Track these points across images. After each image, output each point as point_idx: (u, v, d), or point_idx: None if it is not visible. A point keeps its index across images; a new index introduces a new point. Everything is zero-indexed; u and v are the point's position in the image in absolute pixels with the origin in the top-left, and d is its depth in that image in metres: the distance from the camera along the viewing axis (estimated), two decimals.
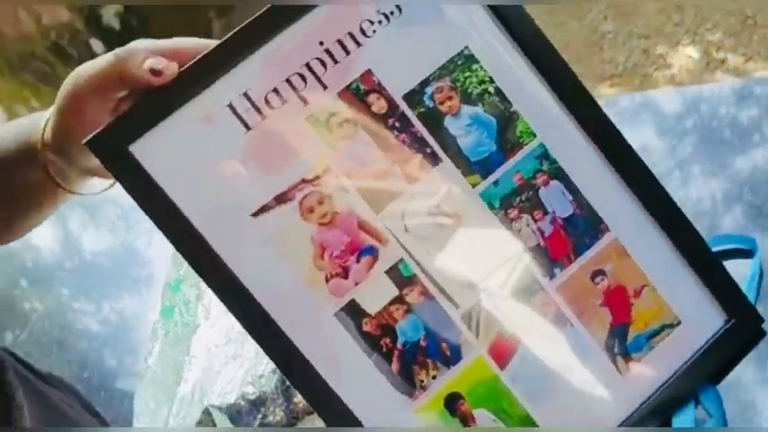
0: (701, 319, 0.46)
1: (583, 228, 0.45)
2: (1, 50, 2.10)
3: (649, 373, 0.45)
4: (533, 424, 0.44)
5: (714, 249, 0.47)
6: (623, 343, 0.45)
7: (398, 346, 0.43)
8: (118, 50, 0.40)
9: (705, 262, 0.45)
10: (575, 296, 0.45)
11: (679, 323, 0.45)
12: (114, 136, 0.40)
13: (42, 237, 0.85)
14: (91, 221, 0.45)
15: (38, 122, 0.44)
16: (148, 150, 0.40)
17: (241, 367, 0.60)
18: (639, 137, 0.64)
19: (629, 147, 0.45)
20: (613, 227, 0.45)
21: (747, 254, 0.50)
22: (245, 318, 0.41)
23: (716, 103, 0.65)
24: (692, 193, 0.59)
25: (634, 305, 0.45)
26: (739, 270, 0.48)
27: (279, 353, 0.42)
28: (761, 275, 0.48)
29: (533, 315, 0.44)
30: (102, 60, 0.40)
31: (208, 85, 0.41)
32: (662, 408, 0.45)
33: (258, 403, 0.56)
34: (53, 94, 0.42)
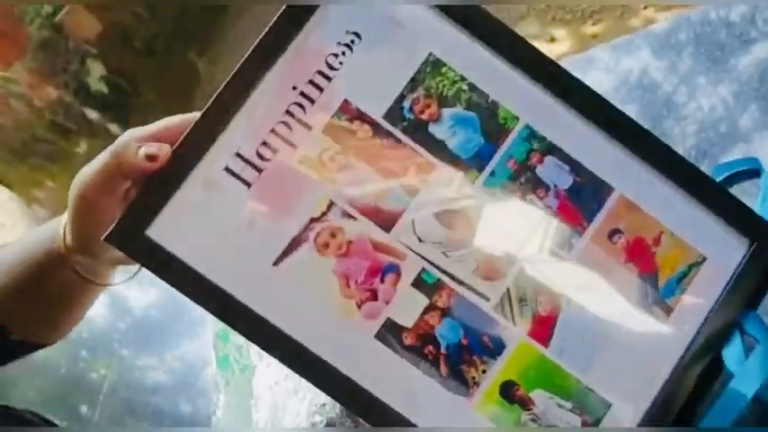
0: (725, 250, 0.46)
1: (587, 193, 0.46)
2: (3, 141, 2.16)
3: (688, 313, 0.46)
4: (590, 391, 0.45)
5: (720, 178, 0.47)
6: (656, 291, 0.46)
7: (442, 350, 0.44)
8: (111, 147, 0.42)
9: (713, 194, 0.46)
10: (597, 260, 0.46)
11: (704, 260, 0.46)
12: (130, 226, 0.42)
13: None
14: (132, 279, 0.47)
15: (57, 229, 0.46)
16: (164, 230, 0.42)
17: (303, 399, 0.63)
18: (638, 62, 0.63)
19: (609, 103, 0.46)
20: (616, 185, 0.46)
21: (755, 173, 0.50)
22: (294, 361, 0.43)
23: (705, 10, 0.65)
24: (704, 103, 0.59)
25: (656, 253, 0.46)
26: (752, 191, 0.48)
27: (333, 387, 0.43)
28: None
29: (562, 288, 0.45)
30: (101, 159, 0.42)
31: (202, 155, 0.43)
32: (709, 344, 0.45)
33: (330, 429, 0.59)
34: (64, 170, 0.45)
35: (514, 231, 0.45)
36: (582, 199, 0.46)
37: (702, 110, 0.58)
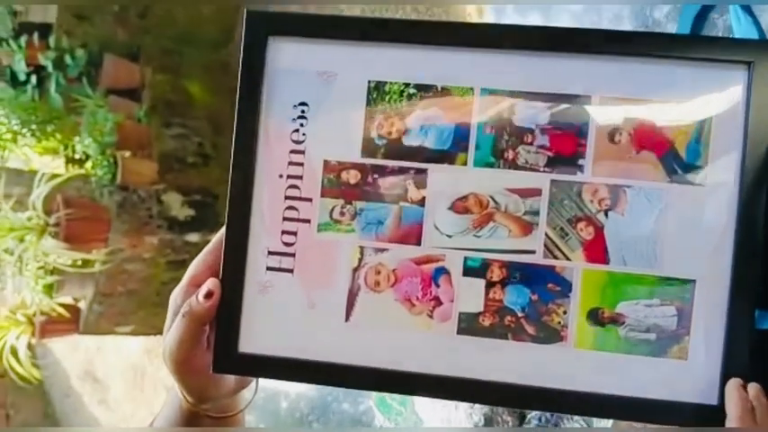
0: (725, 87, 0.45)
1: (568, 116, 0.47)
2: (144, 301, 2.36)
3: (722, 162, 0.46)
4: (668, 279, 0.46)
5: (687, 30, 0.46)
6: (681, 161, 0.46)
7: (519, 314, 0.47)
8: (173, 312, 0.48)
9: (683, 44, 0.45)
10: (612, 165, 0.46)
11: (711, 116, 0.46)
12: (225, 353, 0.49)
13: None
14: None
15: (176, 397, 0.52)
16: (251, 341, 0.49)
17: (458, 407, 0.67)
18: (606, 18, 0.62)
19: (536, 27, 0.47)
20: (589, 90, 0.46)
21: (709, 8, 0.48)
22: (412, 388, 0.48)
23: None
24: None
25: (662, 128, 0.46)
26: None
27: (456, 392, 0.48)
28: (744, 7, 0.46)
29: (595, 207, 0.47)
30: (176, 325, 0.48)
31: (242, 268, 0.49)
32: (759, 176, 0.45)
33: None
34: None
35: (528, 184, 0.47)
36: (566, 123, 0.47)
37: None
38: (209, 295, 0.48)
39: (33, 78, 2.53)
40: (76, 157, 2.47)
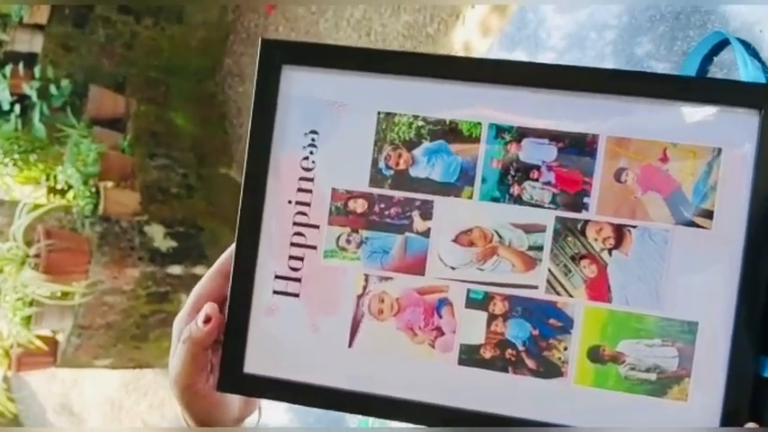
0: (735, 129, 0.45)
1: (575, 152, 0.47)
2: (122, 333, 2.34)
3: (729, 205, 0.45)
4: (670, 320, 0.46)
5: (693, 72, 0.46)
6: (688, 203, 0.46)
7: (520, 348, 0.48)
8: (176, 338, 0.50)
9: (694, 87, 0.45)
10: (616, 205, 0.47)
11: (719, 150, 0.45)
12: (230, 373, 0.50)
13: None
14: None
15: (182, 422, 0.53)
16: (256, 362, 0.50)
17: None
18: (602, 17, 0.62)
19: (546, 64, 0.47)
20: (597, 129, 0.46)
21: (720, 48, 0.48)
22: (412, 417, 0.49)
23: None
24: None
25: (669, 170, 0.46)
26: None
27: (455, 423, 0.48)
28: (750, 50, 0.46)
29: (599, 245, 0.47)
30: (179, 352, 0.49)
31: (249, 291, 0.50)
32: (767, 221, 0.45)
33: None
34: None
35: (533, 221, 0.48)
36: (573, 159, 0.47)
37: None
38: (207, 320, 0.49)
39: (17, 108, 2.53)
40: (58, 187, 2.47)
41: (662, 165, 0.46)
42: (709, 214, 0.46)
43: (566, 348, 0.47)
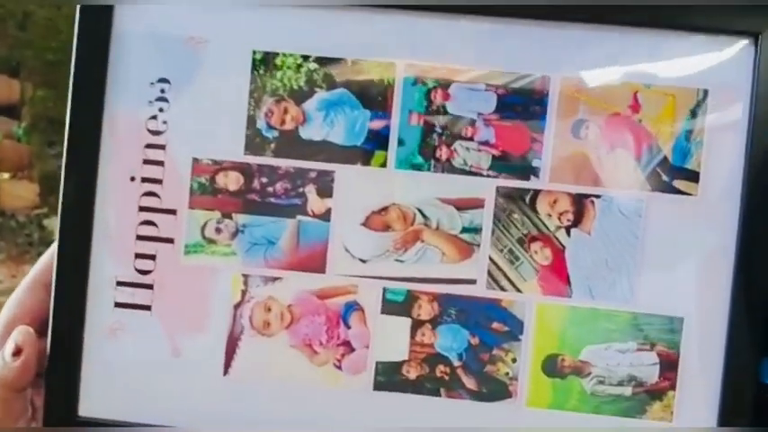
0: (725, 65, 0.35)
1: (520, 101, 0.35)
2: None
3: (719, 165, 0.35)
4: (649, 316, 0.35)
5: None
6: (666, 163, 0.35)
7: (455, 363, 0.36)
8: None
9: (673, 10, 0.34)
10: (575, 170, 0.35)
11: (706, 93, 0.35)
12: (59, 420, 0.36)
13: None
14: None
15: None
16: (94, 402, 0.36)
17: None
18: None
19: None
20: (548, 70, 0.35)
21: None
22: None
23: None
24: None
25: (642, 121, 0.35)
26: None
27: None
28: None
29: (554, 222, 0.36)
30: None
31: (81, 306, 0.36)
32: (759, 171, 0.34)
33: None
34: None
35: (467, 193, 0.36)
36: (517, 109, 0.35)
37: None
38: (17, 352, 0.35)
39: None
40: None
41: (632, 114, 0.35)
42: (693, 176, 0.35)
43: (514, 360, 0.36)
